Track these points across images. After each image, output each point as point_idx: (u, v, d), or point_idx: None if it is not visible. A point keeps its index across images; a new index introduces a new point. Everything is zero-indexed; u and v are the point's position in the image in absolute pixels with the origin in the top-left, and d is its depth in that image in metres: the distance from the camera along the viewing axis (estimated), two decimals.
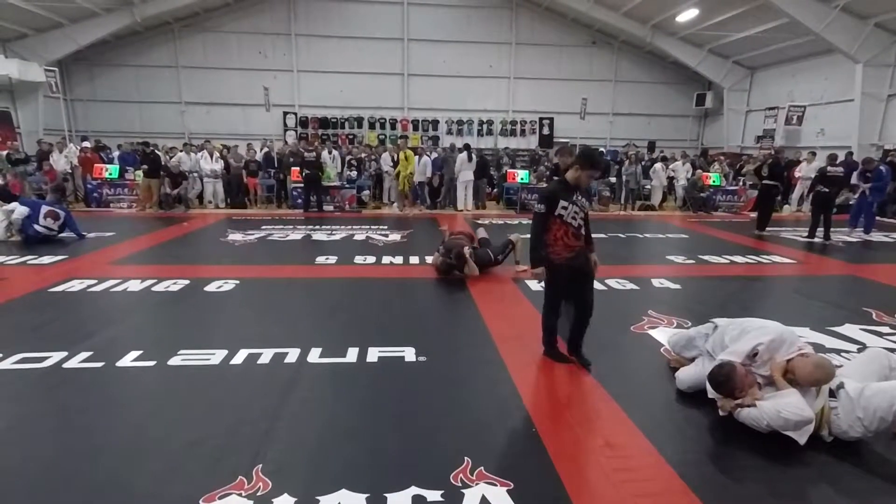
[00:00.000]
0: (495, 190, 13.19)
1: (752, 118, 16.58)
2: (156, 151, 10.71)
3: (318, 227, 8.97)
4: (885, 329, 4.09)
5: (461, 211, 11.35)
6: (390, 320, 4.27)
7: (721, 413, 2.61)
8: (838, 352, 3.60)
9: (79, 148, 12.21)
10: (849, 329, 4.07)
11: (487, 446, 2.46)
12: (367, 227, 9.01)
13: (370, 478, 2.19)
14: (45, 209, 7.17)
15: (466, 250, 5.55)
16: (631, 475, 2.27)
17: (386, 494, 2.08)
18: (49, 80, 12.83)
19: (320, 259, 6.47)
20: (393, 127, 17.23)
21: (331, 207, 11.16)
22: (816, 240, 8.19)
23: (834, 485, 2.25)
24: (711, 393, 2.65)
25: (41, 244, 6.92)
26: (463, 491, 2.11)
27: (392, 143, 14.91)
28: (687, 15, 14.07)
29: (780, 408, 2.37)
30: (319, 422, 2.68)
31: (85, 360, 3.33)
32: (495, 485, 2.15)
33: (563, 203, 3.14)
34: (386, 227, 8.96)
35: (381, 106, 17.10)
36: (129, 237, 7.78)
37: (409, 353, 3.50)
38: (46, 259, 6.18)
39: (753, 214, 11.16)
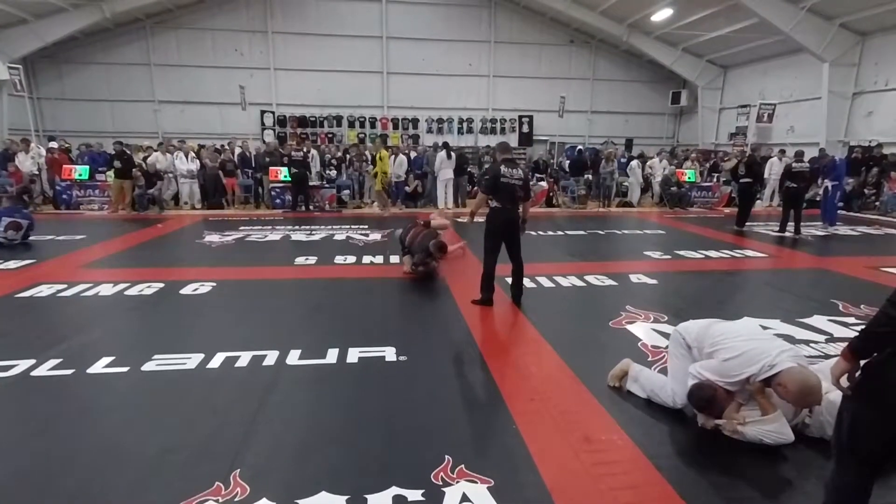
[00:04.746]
0: (475, 188, 13.21)
1: (726, 116, 16.98)
2: (126, 151, 10.43)
3: (297, 227, 8.86)
4: (851, 320, 4.23)
5: (441, 209, 11.35)
6: (371, 320, 4.25)
7: (700, 424, 2.61)
8: (808, 342, 3.72)
9: (45, 149, 11.82)
10: (817, 320, 4.20)
11: (468, 444, 2.47)
12: (348, 226, 8.94)
13: (350, 479, 2.18)
14: (5, 221, 6.90)
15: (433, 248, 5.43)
16: (610, 468, 2.31)
17: (366, 495, 2.07)
18: (13, 79, 12.34)
19: (300, 259, 6.39)
20: (373, 125, 17.12)
21: (310, 207, 11.04)
22: (787, 234, 8.43)
23: (807, 473, 2.32)
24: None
25: (4, 249, 6.66)
26: (444, 489, 2.12)
27: (371, 141, 14.83)
28: (661, 14, 14.32)
29: (763, 435, 2.41)
30: (299, 424, 2.65)
31: (54, 368, 3.22)
32: (476, 482, 2.16)
33: None
34: (366, 227, 8.90)
35: (361, 104, 16.97)
36: (100, 240, 7.56)
37: (390, 353, 3.49)
38: (12, 264, 5.96)
39: (728, 210, 11.46)
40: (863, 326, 1.58)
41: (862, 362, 1.57)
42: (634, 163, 12.87)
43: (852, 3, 11.22)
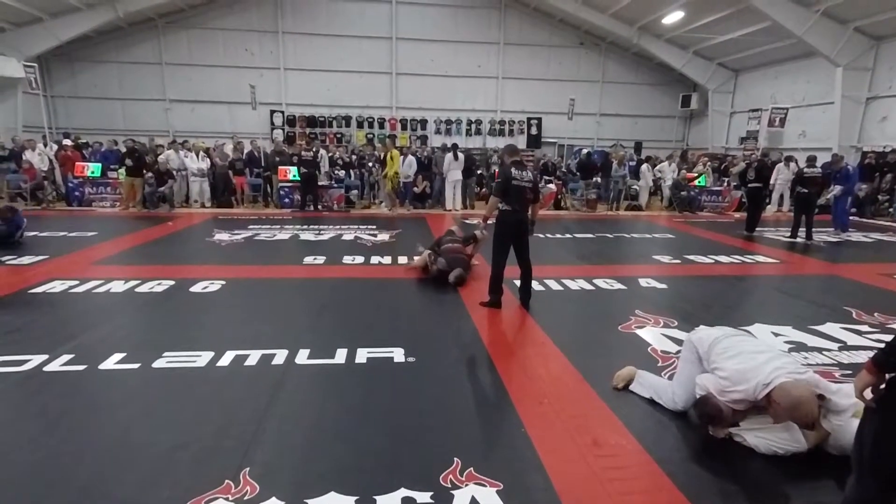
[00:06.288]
0: (484, 189, 13.20)
1: (736, 119, 16.84)
2: (136, 149, 10.53)
3: (305, 226, 8.89)
4: (865, 328, 4.18)
5: (450, 210, 11.35)
6: (379, 321, 4.25)
7: (710, 433, 2.60)
8: (820, 350, 3.68)
9: (58, 145, 11.95)
10: (830, 328, 4.15)
11: (477, 447, 2.46)
12: (356, 226, 8.96)
13: (359, 480, 2.18)
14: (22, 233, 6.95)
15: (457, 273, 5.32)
16: (619, 473, 2.29)
17: (375, 496, 2.07)
18: (28, 76, 12.52)
19: (308, 259, 6.42)
20: (381, 126, 17.15)
21: (319, 207, 11.08)
22: (798, 240, 8.35)
23: (817, 481, 2.29)
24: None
25: (17, 245, 6.74)
26: (452, 492, 2.11)
27: (380, 142, 14.88)
28: (672, 17, 14.23)
29: (775, 446, 2.40)
30: (307, 424, 2.65)
31: (67, 363, 3.26)
32: (485, 485, 2.16)
33: None
34: (374, 227, 8.92)
35: (370, 105, 17.03)
36: (112, 237, 7.63)
37: (398, 354, 3.49)
38: (26, 259, 6.04)
39: (738, 215, 11.35)
40: (889, 339, 1.56)
41: (887, 376, 1.55)
42: (645, 166, 12.81)
43: (867, 6, 11.10)
